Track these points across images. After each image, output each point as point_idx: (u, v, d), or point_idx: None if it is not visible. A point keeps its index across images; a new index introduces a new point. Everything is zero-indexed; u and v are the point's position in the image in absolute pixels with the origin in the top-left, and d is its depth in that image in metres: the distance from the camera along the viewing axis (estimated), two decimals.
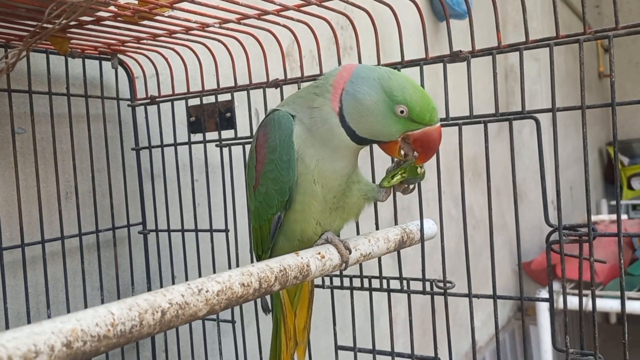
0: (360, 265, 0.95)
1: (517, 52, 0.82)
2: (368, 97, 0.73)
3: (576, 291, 2.77)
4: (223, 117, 1.08)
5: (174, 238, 1.19)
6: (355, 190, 0.82)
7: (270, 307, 0.97)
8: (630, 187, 5.12)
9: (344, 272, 1.03)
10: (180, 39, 1.02)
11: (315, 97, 0.76)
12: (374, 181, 0.97)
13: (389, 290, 0.99)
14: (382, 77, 0.73)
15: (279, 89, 1.03)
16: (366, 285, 1.01)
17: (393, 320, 0.97)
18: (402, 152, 0.76)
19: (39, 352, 0.41)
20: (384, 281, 0.99)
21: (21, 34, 0.88)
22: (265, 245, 0.85)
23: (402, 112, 0.72)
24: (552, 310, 0.85)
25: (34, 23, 0.81)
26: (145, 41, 1.02)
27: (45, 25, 0.74)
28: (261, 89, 1.04)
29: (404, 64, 0.92)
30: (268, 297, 0.96)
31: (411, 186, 0.84)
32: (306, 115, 0.77)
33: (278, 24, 0.97)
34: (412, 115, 0.72)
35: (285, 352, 0.93)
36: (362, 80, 0.74)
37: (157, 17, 0.87)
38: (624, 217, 4.30)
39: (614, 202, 4.90)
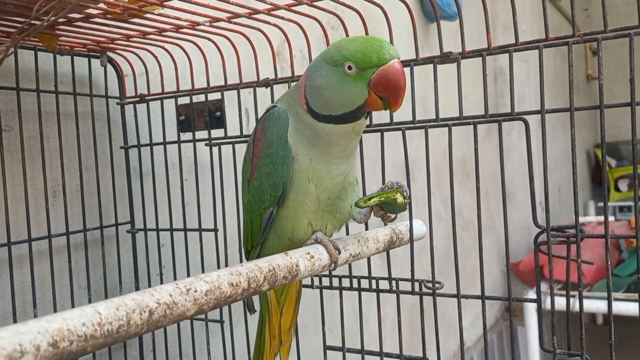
0: (350, 265, 0.95)
1: (507, 54, 0.82)
2: (319, 77, 0.73)
3: (564, 292, 2.79)
4: (213, 116, 1.08)
5: (163, 237, 1.18)
6: (350, 193, 0.82)
7: (254, 307, 0.97)
8: (617, 189, 5.17)
9: (333, 272, 1.03)
10: (170, 37, 1.01)
11: (295, 98, 0.78)
12: (364, 181, 0.97)
13: (378, 291, 0.99)
14: (324, 53, 0.74)
15: (269, 88, 1.03)
16: (355, 285, 1.01)
17: (382, 321, 0.97)
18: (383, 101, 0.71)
19: (25, 351, 0.41)
20: (373, 281, 0.99)
21: (9, 30, 0.87)
22: (255, 240, 0.85)
23: (350, 68, 0.70)
24: (540, 311, 0.85)
25: (22, 19, 0.80)
26: (134, 39, 1.01)
27: (33, 21, 0.73)
28: (251, 88, 1.04)
29: None
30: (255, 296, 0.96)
31: (392, 215, 0.82)
32: (292, 116, 0.78)
33: (269, 23, 0.97)
34: (360, 65, 0.69)
35: (268, 350, 0.93)
36: (313, 68, 0.75)
37: (147, 15, 0.86)
38: (611, 218, 4.34)
39: (601, 204, 4.95)
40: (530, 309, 2.84)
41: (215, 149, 1.08)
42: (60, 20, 0.82)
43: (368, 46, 0.69)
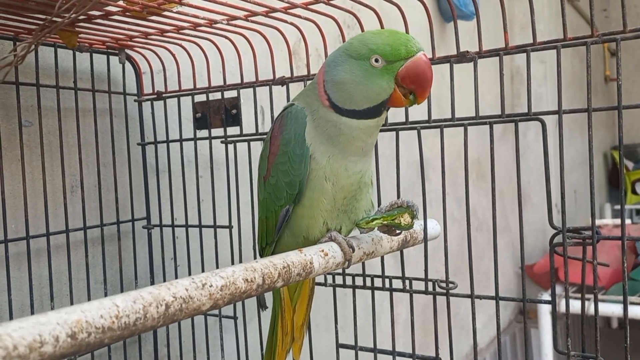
0: (363, 264, 0.95)
1: (524, 54, 0.82)
2: (343, 72, 0.73)
3: (578, 295, 2.76)
4: (229, 113, 1.08)
5: (178, 233, 1.19)
6: (365, 194, 0.82)
7: (266, 303, 0.97)
8: (634, 192, 5.10)
9: (347, 271, 1.04)
10: (187, 35, 1.02)
11: (312, 96, 0.78)
12: (378, 181, 0.97)
13: (392, 290, 0.99)
14: (345, 47, 0.74)
15: (285, 86, 1.03)
16: (368, 284, 1.01)
17: (394, 320, 0.97)
18: (409, 97, 0.72)
19: (44, 342, 0.42)
20: (387, 280, 0.99)
21: (30, 27, 0.89)
22: (270, 237, 0.85)
23: (377, 61, 0.70)
24: (555, 313, 0.85)
25: (43, 17, 0.82)
26: (153, 37, 1.02)
27: (54, 19, 0.74)
28: (267, 87, 1.05)
29: None
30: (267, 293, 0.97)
31: (397, 230, 0.82)
32: (310, 114, 0.78)
33: (285, 21, 0.97)
34: (388, 58, 0.70)
35: (280, 347, 0.94)
36: (333, 63, 0.75)
37: (165, 13, 0.87)
38: (627, 221, 4.29)
39: (618, 207, 4.89)
40: (544, 312, 2.81)
41: (230, 147, 1.09)
42: (81, 17, 0.83)
43: (396, 39, 0.70)
